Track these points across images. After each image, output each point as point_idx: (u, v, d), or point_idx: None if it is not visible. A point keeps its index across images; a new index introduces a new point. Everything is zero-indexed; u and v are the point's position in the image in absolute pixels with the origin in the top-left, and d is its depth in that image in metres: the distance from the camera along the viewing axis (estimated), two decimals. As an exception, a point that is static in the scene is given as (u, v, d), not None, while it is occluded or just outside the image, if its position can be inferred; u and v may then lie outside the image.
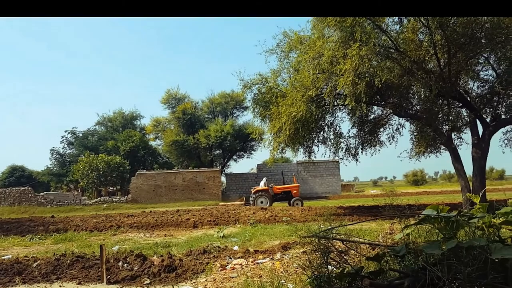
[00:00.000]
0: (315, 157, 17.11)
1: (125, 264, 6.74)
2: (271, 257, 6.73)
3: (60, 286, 5.90)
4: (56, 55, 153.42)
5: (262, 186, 23.65)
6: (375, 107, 16.41)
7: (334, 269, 3.69)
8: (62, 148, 46.59)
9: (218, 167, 40.18)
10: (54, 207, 31.23)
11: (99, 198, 34.12)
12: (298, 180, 31.76)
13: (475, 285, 2.58)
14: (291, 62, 15.18)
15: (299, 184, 26.65)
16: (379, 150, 17.12)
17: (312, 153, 16.72)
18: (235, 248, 8.12)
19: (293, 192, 23.31)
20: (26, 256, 7.93)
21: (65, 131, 47.22)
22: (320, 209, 17.30)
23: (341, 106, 15.08)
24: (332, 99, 13.07)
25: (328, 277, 3.40)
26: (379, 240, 6.70)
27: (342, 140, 16.64)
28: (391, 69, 12.52)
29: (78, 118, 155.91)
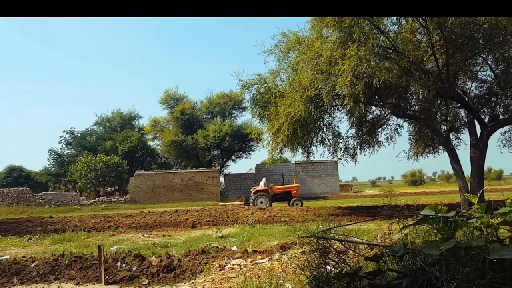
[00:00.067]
0: (314, 158, 17.12)
1: (124, 265, 6.73)
2: (270, 257, 6.73)
3: (58, 287, 5.89)
4: (56, 55, 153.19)
5: (262, 186, 23.63)
6: (374, 108, 16.43)
7: (333, 269, 3.70)
8: (61, 149, 46.60)
9: (217, 168, 40.17)
10: (52, 208, 31.18)
11: (97, 199, 34.08)
12: (297, 180, 31.79)
13: (473, 285, 2.58)
14: (290, 63, 15.19)
15: (299, 185, 26.65)
16: (378, 151, 17.16)
17: (311, 154, 16.73)
18: (234, 249, 8.11)
19: (293, 193, 23.29)
20: (24, 257, 7.91)
21: (63, 131, 47.22)
22: (319, 209, 17.31)
23: (340, 107, 15.09)
24: (331, 100, 13.08)
25: (327, 277, 3.40)
26: (378, 241, 6.71)
27: (341, 141, 16.67)
28: (390, 70, 12.54)
29: (78, 118, 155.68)
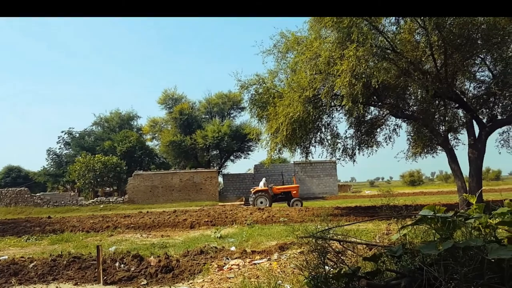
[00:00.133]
0: (312, 158, 17.12)
1: (122, 265, 6.72)
2: (268, 258, 6.73)
3: (57, 287, 5.88)
4: (56, 55, 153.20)
5: (262, 187, 23.59)
6: (372, 108, 16.45)
7: (331, 270, 3.70)
8: (59, 149, 46.51)
9: (215, 168, 40.16)
10: (51, 208, 31.14)
11: (96, 199, 34.02)
12: (296, 181, 31.79)
13: (472, 285, 2.59)
14: (288, 63, 15.19)
15: (299, 185, 26.63)
16: (376, 151, 17.18)
17: (309, 154, 16.73)
18: (232, 249, 8.11)
19: (293, 193, 23.25)
20: (23, 257, 7.89)
21: (62, 132, 47.15)
22: (317, 210, 17.32)
23: (338, 107, 15.11)
24: (329, 100, 13.09)
25: (325, 278, 3.40)
26: (376, 241, 6.72)
27: (339, 141, 16.69)
28: (388, 70, 12.55)
29: (78, 118, 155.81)
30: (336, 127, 16.68)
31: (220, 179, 40.94)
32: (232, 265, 6.36)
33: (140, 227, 14.08)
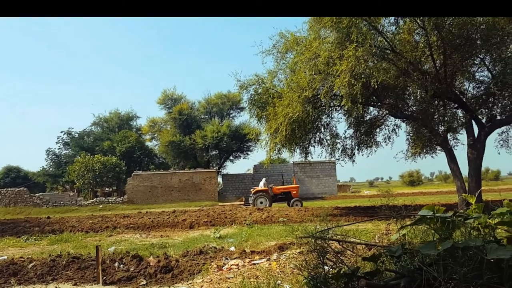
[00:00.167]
0: (312, 158, 17.14)
1: (121, 265, 6.72)
2: (268, 258, 6.73)
3: (56, 287, 5.87)
4: (56, 55, 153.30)
5: (262, 187, 23.56)
6: (371, 108, 16.47)
7: (331, 270, 3.70)
8: (58, 149, 46.52)
9: (215, 168, 40.15)
10: (50, 208, 31.10)
11: (95, 199, 33.99)
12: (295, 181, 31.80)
13: (471, 285, 2.59)
14: (288, 63, 15.20)
15: (299, 185, 26.60)
16: (375, 151, 17.19)
17: (309, 154, 16.74)
18: (232, 249, 8.11)
19: (293, 193, 23.20)
20: (22, 257, 7.88)
21: (61, 132, 47.13)
22: (317, 210, 17.32)
23: (337, 107, 15.12)
24: (329, 100, 13.10)
25: (325, 278, 3.40)
26: (375, 241, 6.72)
27: (339, 141, 16.70)
28: (387, 70, 12.57)
29: (78, 118, 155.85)
30: (336, 127, 16.72)
31: (220, 179, 40.96)
32: (232, 265, 6.35)
33: (140, 227, 14.07)
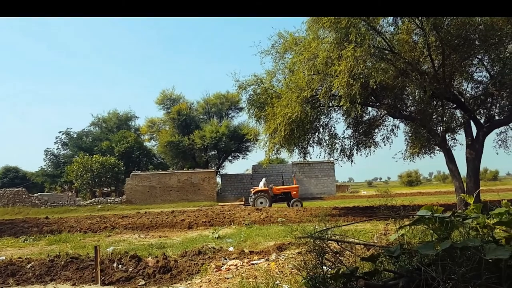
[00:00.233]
0: (310, 158, 17.15)
1: (120, 265, 6.71)
2: (266, 258, 6.73)
3: (54, 288, 5.87)
4: (56, 55, 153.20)
5: (262, 187, 23.52)
6: (370, 108, 16.48)
7: (329, 270, 3.70)
8: (57, 149, 46.46)
9: (213, 168, 40.14)
10: (48, 208, 31.02)
11: (94, 199, 33.93)
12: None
13: (469, 286, 2.59)
14: (286, 63, 15.21)
15: (299, 185, 26.56)
16: (374, 151, 17.20)
17: (307, 154, 16.74)
18: (230, 249, 8.11)
19: (293, 193, 23.14)
20: (20, 258, 7.87)
21: (59, 132, 47.09)
22: (315, 210, 17.33)
23: (336, 107, 15.13)
24: (327, 100, 13.11)
25: (323, 278, 3.40)
26: (374, 241, 6.72)
27: (337, 141, 16.71)
28: (386, 70, 12.58)
29: (78, 119, 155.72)
30: (334, 128, 16.73)
31: (218, 180, 40.94)
32: (230, 266, 6.35)
33: (138, 228, 14.05)
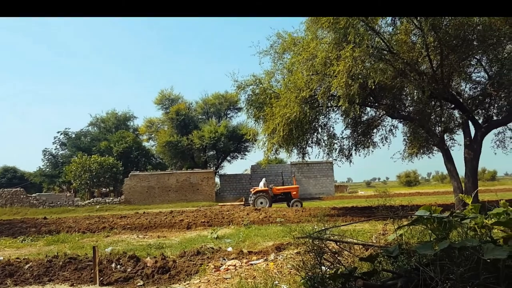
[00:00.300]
0: (309, 158, 17.18)
1: (118, 266, 6.70)
2: (265, 258, 6.73)
3: (52, 288, 5.86)
4: (56, 55, 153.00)
5: (262, 187, 23.47)
6: (368, 109, 16.50)
7: (328, 270, 3.70)
8: (55, 149, 46.37)
9: (212, 168, 40.13)
10: (47, 209, 30.96)
11: (92, 199, 33.90)
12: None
13: (468, 285, 2.59)
14: (285, 63, 15.22)
15: (299, 186, 26.53)
16: (372, 151, 17.24)
17: (306, 154, 16.77)
18: (229, 249, 8.10)
19: (293, 194, 23.07)
20: (18, 258, 7.85)
21: (58, 132, 47.00)
22: (314, 210, 17.33)
23: (335, 108, 15.14)
24: (326, 100, 13.11)
25: (322, 278, 3.40)
26: (373, 241, 6.73)
27: (336, 141, 16.74)
28: (384, 71, 12.59)
29: (78, 119, 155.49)
30: (333, 128, 16.76)
31: (217, 180, 40.92)
32: (229, 266, 6.35)
33: (137, 228, 14.03)
